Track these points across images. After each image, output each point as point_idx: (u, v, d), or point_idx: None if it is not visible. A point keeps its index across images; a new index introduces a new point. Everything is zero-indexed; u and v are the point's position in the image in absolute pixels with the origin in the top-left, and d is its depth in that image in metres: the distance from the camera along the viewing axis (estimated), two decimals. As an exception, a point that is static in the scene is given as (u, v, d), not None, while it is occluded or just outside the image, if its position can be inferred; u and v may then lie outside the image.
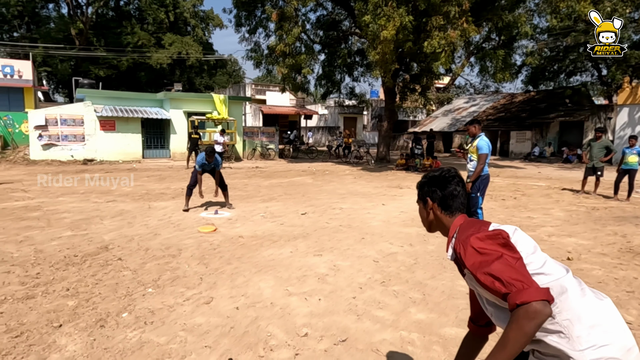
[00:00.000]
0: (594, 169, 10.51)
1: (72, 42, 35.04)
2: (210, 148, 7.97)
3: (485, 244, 1.43)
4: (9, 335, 3.10)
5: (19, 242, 5.58)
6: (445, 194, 1.74)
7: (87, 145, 18.70)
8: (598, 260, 5.30)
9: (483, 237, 1.45)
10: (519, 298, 1.27)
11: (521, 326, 1.26)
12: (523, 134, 25.67)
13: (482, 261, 1.40)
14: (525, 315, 1.25)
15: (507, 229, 1.50)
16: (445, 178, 1.76)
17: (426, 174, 1.85)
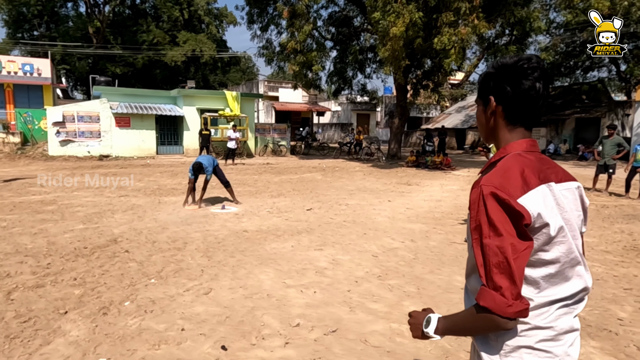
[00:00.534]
0: (605, 166, 10.36)
1: (90, 41, 35.76)
2: (198, 165, 7.90)
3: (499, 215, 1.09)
4: (18, 320, 3.28)
5: (33, 234, 5.82)
6: (518, 93, 1.20)
7: (102, 141, 19.12)
8: (600, 258, 5.28)
9: (504, 201, 1.09)
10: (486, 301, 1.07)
11: (476, 326, 1.15)
12: (537, 130, 25.27)
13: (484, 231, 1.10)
14: (483, 320, 1.10)
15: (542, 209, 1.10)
16: (522, 69, 1.19)
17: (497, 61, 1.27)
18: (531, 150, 1.23)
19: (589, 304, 3.82)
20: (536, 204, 1.10)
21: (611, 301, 3.92)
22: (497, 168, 1.19)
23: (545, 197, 1.13)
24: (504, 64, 1.24)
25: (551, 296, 1.15)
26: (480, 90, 1.31)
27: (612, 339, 3.20)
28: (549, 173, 1.19)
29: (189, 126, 20.75)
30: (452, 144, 30.51)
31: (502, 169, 1.17)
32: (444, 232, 6.50)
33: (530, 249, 1.09)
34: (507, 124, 1.25)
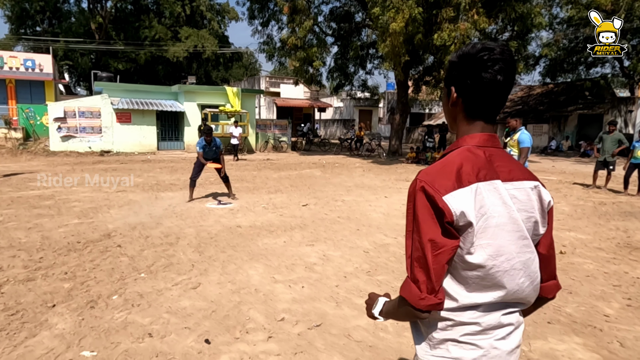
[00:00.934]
0: (605, 162, 10.29)
1: (92, 37, 35.82)
2: (208, 127, 8.11)
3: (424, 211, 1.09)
4: (6, 313, 3.32)
5: (28, 229, 5.87)
6: (477, 86, 1.15)
7: (104, 137, 19.20)
8: (592, 255, 5.26)
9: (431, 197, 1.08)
10: (404, 291, 1.12)
11: (399, 313, 1.19)
12: (540, 127, 25.17)
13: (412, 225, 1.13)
14: (402, 308, 1.15)
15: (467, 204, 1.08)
16: (483, 61, 1.13)
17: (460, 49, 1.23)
18: (484, 146, 1.18)
19: (576, 300, 3.82)
20: (462, 202, 1.08)
21: (599, 298, 3.91)
22: (439, 161, 1.17)
23: (478, 195, 1.09)
24: (465, 54, 1.17)
25: (479, 299, 1.14)
26: (445, 78, 1.27)
27: (596, 336, 3.20)
28: (498, 171, 1.15)
29: (189, 122, 20.79)
30: (453, 140, 30.38)
31: (442, 163, 1.15)
32: (438, 228, 6.49)
33: (453, 248, 1.08)
34: (465, 116, 1.21)
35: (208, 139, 8.07)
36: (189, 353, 2.85)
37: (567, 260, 5.00)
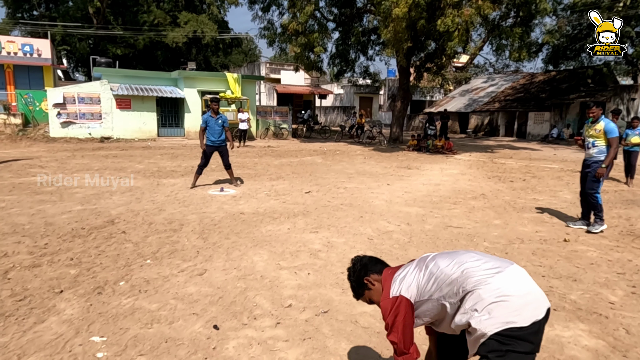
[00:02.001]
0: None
1: (90, 21, 35.35)
2: (216, 97, 8.07)
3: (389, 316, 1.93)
4: (13, 299, 3.33)
5: (31, 215, 5.86)
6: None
7: (104, 123, 19.10)
8: (596, 242, 5.28)
9: (387, 308, 1.94)
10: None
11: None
12: (541, 115, 25.05)
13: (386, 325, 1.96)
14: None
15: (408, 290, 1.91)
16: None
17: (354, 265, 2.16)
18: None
19: (580, 288, 3.84)
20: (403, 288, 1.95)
21: (603, 285, 3.93)
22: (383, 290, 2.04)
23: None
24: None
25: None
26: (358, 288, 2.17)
27: (602, 322, 3.22)
28: None
29: (189, 108, 20.66)
30: (455, 128, 30.31)
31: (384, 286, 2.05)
32: (441, 215, 6.50)
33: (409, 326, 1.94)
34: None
35: (215, 107, 8.02)
36: (198, 339, 2.86)
37: (571, 248, 5.01)
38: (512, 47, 15.40)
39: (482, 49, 25.88)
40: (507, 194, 8.50)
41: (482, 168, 12.43)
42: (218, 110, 8.14)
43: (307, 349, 2.78)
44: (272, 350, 2.76)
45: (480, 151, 17.68)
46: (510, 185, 9.45)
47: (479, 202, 7.56)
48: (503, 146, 20.56)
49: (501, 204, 7.49)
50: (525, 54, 15.80)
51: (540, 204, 7.52)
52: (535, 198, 8.07)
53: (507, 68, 32.88)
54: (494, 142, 23.06)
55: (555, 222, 6.25)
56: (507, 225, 6.05)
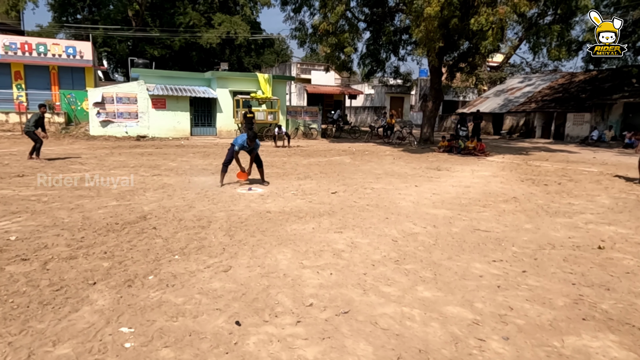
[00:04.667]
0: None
1: (130, 23, 36.71)
2: (253, 134, 8.14)
3: None
4: (51, 288, 3.53)
5: (70, 209, 6.17)
6: None
7: (140, 122, 19.79)
8: (633, 250, 5.04)
9: None
10: None
11: None
12: (581, 116, 24.04)
13: None
14: None
15: None
16: None
17: None
18: None
19: (613, 297, 3.69)
20: None
21: (638, 295, 3.76)
22: None
23: None
24: None
25: None
26: None
27: (634, 334, 3.09)
28: None
29: (222, 108, 21.11)
30: (488, 129, 29.56)
31: None
32: (469, 218, 6.38)
33: None
34: None
35: (250, 144, 8.14)
36: (220, 333, 2.94)
37: (606, 256, 4.81)
38: (550, 46, 14.86)
39: (519, 47, 25.07)
40: (541, 197, 8.23)
41: (516, 170, 12.08)
42: (253, 144, 8.21)
43: (326, 347, 2.81)
44: (292, 347, 2.80)
45: (514, 153, 17.17)
46: (545, 189, 9.15)
47: (510, 206, 7.37)
48: (539, 148, 19.88)
49: (533, 207, 7.27)
50: (565, 52, 15.21)
51: (575, 209, 7.24)
52: (571, 202, 7.78)
53: (544, 67, 31.75)
54: (529, 144, 22.34)
55: (590, 228, 6.01)
56: (538, 229, 5.87)
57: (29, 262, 4.10)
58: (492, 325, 3.17)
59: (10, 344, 2.71)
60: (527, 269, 4.32)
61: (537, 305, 3.50)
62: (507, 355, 2.77)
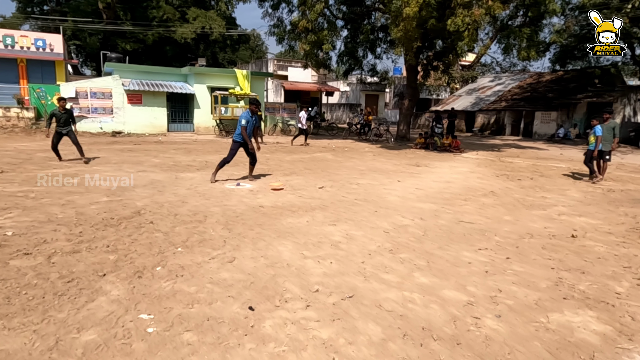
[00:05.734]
0: (600, 152, 10.42)
1: (100, 16, 35.67)
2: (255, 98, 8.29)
3: None
4: (62, 280, 3.60)
5: (62, 205, 6.14)
6: None
7: (115, 118, 19.40)
8: (603, 239, 5.49)
9: None
10: None
11: None
12: (548, 114, 25.16)
13: None
14: None
15: None
16: None
17: None
18: None
19: (588, 279, 4.07)
20: None
21: (610, 277, 4.15)
22: None
23: None
24: None
25: None
26: None
27: (609, 310, 3.45)
28: None
29: (199, 104, 20.94)
30: (461, 126, 30.44)
31: None
32: (453, 211, 6.73)
33: None
34: None
35: (255, 109, 8.23)
36: (236, 318, 3.11)
37: (579, 243, 5.23)
38: (520, 47, 15.55)
39: (490, 47, 25.94)
40: (516, 191, 8.71)
41: (491, 166, 12.63)
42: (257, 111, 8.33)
43: (338, 328, 3.03)
44: (306, 329, 3.01)
45: (487, 150, 17.86)
46: (519, 184, 9.66)
47: (489, 199, 7.78)
48: (510, 145, 20.72)
49: (511, 201, 7.71)
50: (534, 53, 15.93)
51: (549, 201, 7.73)
52: (544, 196, 8.28)
53: (514, 67, 32.89)
54: (500, 141, 23.21)
55: (563, 219, 6.46)
56: (517, 221, 6.28)
57: (32, 256, 4.13)
58: (485, 305, 3.47)
59: (35, 331, 2.80)
60: (510, 256, 4.67)
61: (523, 288, 3.83)
62: (501, 330, 3.07)
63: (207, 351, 2.68)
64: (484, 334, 3.02)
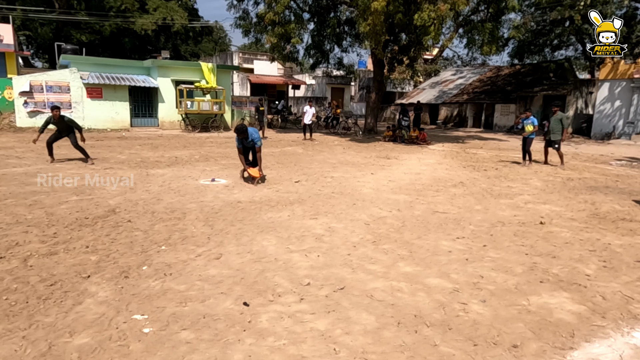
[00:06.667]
0: (550, 142, 11.32)
1: (52, 5, 33.78)
2: (240, 126, 7.80)
3: None
4: (44, 284, 3.47)
5: (29, 206, 5.85)
6: None
7: (74, 112, 18.49)
8: (567, 225, 5.85)
9: None
10: None
11: None
12: (507, 107, 26.20)
13: None
14: None
15: None
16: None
17: None
18: None
19: (559, 263, 4.34)
20: None
21: (578, 261, 4.44)
22: None
23: None
24: None
25: None
26: None
27: (581, 291, 3.71)
28: None
29: (163, 98, 20.35)
30: (425, 119, 31.15)
31: None
32: (426, 202, 6.94)
33: None
34: None
35: (240, 137, 7.77)
36: (231, 314, 3.12)
37: (547, 230, 5.55)
38: (483, 42, 16.09)
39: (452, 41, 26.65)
40: (483, 182, 9.07)
41: (456, 158, 13.06)
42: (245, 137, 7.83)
43: (333, 319, 3.10)
44: (302, 321, 3.05)
45: (452, 142, 18.42)
46: (485, 174, 10.06)
47: (459, 190, 8.08)
48: (472, 137, 21.45)
49: (479, 191, 8.03)
50: (495, 48, 16.53)
51: (514, 191, 8.11)
52: (509, 185, 8.67)
53: (474, 61, 33.97)
54: (463, 133, 23.97)
55: (530, 207, 6.81)
56: (487, 210, 6.56)
57: (5, 260, 3.95)
58: (469, 291, 3.64)
59: (24, 337, 2.70)
60: (486, 244, 4.90)
61: (501, 273, 4.04)
62: (487, 314, 3.24)
63: (207, 348, 2.68)
64: (471, 318, 3.17)
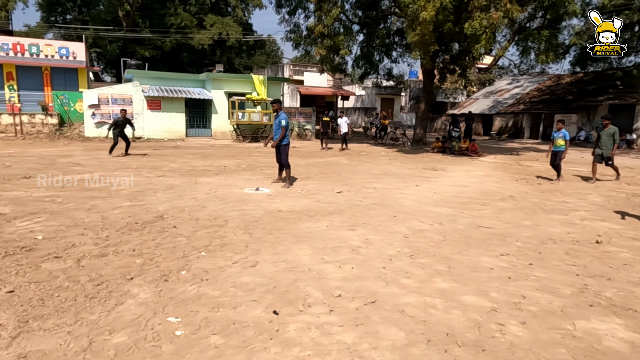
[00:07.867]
0: (602, 157, 10.44)
1: (120, 24, 36.49)
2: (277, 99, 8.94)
3: None
4: (92, 283, 3.71)
5: (87, 210, 6.31)
6: None
7: (135, 123, 19.74)
8: (627, 244, 5.39)
9: None
10: None
11: None
12: (568, 117, 24.71)
13: None
14: None
15: None
16: None
17: None
18: None
19: (614, 286, 4.01)
20: None
21: (636, 284, 4.08)
22: None
23: None
24: None
25: None
26: None
27: (636, 318, 3.40)
28: None
29: (216, 109, 21.23)
30: (478, 129, 30.14)
31: None
32: (471, 216, 6.69)
33: None
34: None
35: (275, 107, 8.77)
36: (260, 322, 3.17)
37: (604, 249, 5.15)
38: (539, 50, 15.36)
39: (508, 50, 25.67)
40: (535, 196, 8.60)
41: (508, 170, 12.49)
42: (277, 109, 8.79)
43: (361, 333, 3.06)
44: (330, 333, 3.04)
45: (505, 153, 17.65)
46: (538, 188, 9.54)
47: (508, 204, 7.71)
48: (528, 149, 20.43)
49: (530, 205, 7.62)
50: (553, 56, 15.71)
51: (569, 206, 7.61)
52: (565, 200, 8.16)
53: (532, 69, 32.44)
54: (518, 145, 22.90)
55: (585, 224, 6.36)
56: (537, 226, 6.20)
57: (62, 259, 4.27)
58: (508, 311, 3.45)
59: (69, 333, 2.90)
60: (532, 262, 4.63)
61: (546, 294, 3.80)
62: (526, 337, 3.06)
63: (233, 354, 2.74)
64: (508, 340, 3.01)
